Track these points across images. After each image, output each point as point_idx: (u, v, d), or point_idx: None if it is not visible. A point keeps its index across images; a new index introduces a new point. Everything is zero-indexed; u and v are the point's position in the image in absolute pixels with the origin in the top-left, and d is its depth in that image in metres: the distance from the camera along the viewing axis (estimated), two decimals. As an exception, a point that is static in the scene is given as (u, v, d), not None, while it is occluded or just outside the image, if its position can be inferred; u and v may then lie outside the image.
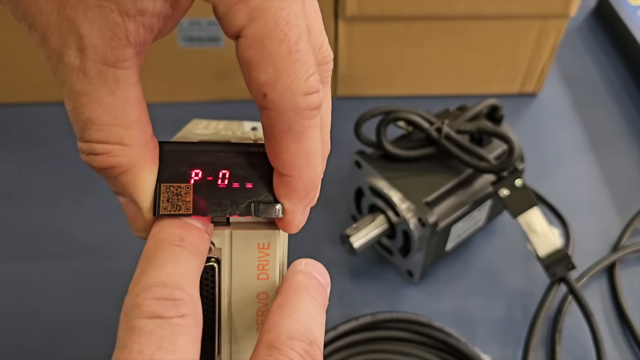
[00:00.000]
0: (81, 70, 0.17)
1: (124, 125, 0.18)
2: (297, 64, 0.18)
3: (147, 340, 0.16)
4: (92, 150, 0.18)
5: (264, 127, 0.19)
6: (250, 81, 0.18)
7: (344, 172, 0.47)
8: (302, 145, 0.19)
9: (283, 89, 0.18)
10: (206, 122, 0.31)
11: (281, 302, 0.20)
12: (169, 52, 0.54)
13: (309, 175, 0.20)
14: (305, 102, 0.18)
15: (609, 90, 0.63)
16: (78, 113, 0.18)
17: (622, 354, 0.42)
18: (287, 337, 0.18)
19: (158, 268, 0.18)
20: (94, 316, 0.42)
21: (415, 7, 0.52)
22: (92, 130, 0.18)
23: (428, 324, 0.40)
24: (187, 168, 0.20)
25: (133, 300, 0.17)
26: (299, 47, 0.18)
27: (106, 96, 0.18)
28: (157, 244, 0.19)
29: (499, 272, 0.46)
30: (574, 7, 0.53)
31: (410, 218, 0.41)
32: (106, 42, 0.17)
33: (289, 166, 0.20)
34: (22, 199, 0.50)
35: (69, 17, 0.16)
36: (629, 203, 0.51)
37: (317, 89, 0.19)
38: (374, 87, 0.59)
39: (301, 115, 0.19)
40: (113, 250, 0.46)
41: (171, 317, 0.17)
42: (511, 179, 0.42)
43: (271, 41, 0.17)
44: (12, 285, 0.44)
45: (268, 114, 0.19)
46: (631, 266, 0.47)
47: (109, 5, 0.16)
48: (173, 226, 0.19)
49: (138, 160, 0.19)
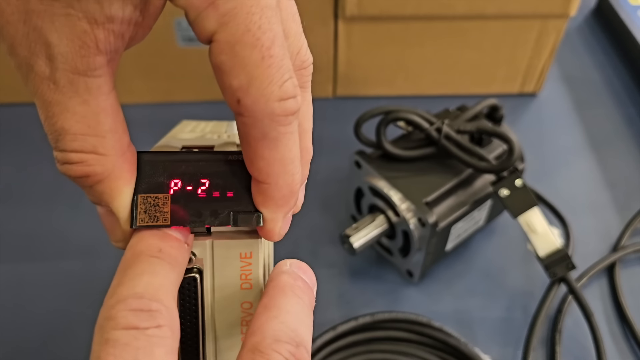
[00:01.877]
0: (51, 80, 0.17)
1: (98, 134, 0.18)
2: (270, 69, 0.17)
3: (122, 352, 0.16)
4: (66, 159, 0.18)
5: (240, 134, 0.19)
6: (223, 87, 0.18)
7: (343, 172, 0.47)
8: (278, 152, 0.19)
9: (257, 95, 0.17)
10: (195, 124, 0.31)
11: (267, 303, 0.19)
12: (167, 52, 0.54)
13: (287, 183, 0.20)
14: (280, 108, 0.18)
15: (609, 90, 0.63)
16: (51, 123, 0.18)
17: (622, 354, 0.42)
18: (272, 340, 0.18)
19: (134, 279, 0.18)
20: (91, 316, 0.42)
21: (415, 7, 0.52)
22: (66, 140, 0.18)
23: (428, 324, 0.40)
24: (166, 178, 0.20)
25: (108, 312, 0.17)
26: (272, 52, 0.17)
27: (78, 105, 0.17)
28: (135, 256, 0.18)
29: (499, 272, 0.46)
30: (574, 7, 0.53)
31: (410, 218, 0.41)
32: (75, 50, 0.16)
33: (265, 173, 0.19)
34: (20, 200, 0.50)
35: (36, 27, 0.16)
36: (629, 203, 0.51)
37: (293, 94, 0.18)
38: (373, 87, 0.59)
39: (276, 121, 0.18)
40: (110, 251, 0.45)
41: (147, 327, 0.16)
42: (511, 179, 0.41)
43: (243, 47, 0.17)
44: (9, 285, 0.44)
45: (242, 120, 0.18)
46: (631, 266, 0.47)
47: (76, 14, 0.16)
48: (151, 237, 0.19)
49: (114, 169, 0.19)
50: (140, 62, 0.54)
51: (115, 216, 0.20)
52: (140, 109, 0.56)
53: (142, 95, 0.57)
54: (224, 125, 0.31)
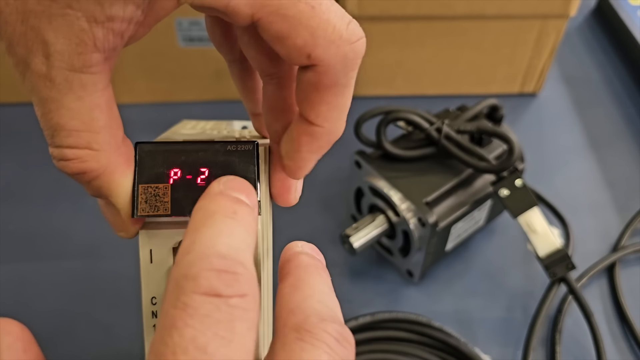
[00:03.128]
0: (47, 77, 0.17)
1: (92, 130, 0.18)
2: (327, 14, 0.18)
3: (202, 325, 0.14)
4: (62, 155, 0.18)
5: (303, 83, 0.19)
6: (288, 51, 0.18)
7: (344, 172, 0.47)
8: (343, 98, 0.20)
9: (326, 43, 0.18)
10: (194, 123, 0.31)
11: (294, 282, 0.18)
12: (168, 52, 0.54)
13: (337, 129, 0.20)
14: (352, 51, 0.18)
15: (609, 90, 0.63)
16: (47, 119, 0.18)
17: (622, 354, 0.42)
18: (318, 319, 0.17)
19: (214, 238, 0.16)
20: (92, 316, 0.42)
21: (415, 7, 0.52)
22: (60, 136, 0.18)
23: (428, 324, 0.40)
24: (166, 168, 0.20)
25: (187, 269, 0.15)
26: (317, 0, 0.18)
27: (73, 102, 0.18)
28: (208, 215, 0.17)
29: (499, 272, 0.46)
30: (574, 7, 0.53)
31: (410, 218, 0.41)
32: (72, 48, 0.17)
33: (324, 117, 0.20)
34: (21, 199, 0.50)
35: (33, 26, 0.17)
36: (629, 203, 0.51)
37: (360, 34, 0.19)
38: (373, 87, 0.59)
39: (349, 66, 0.19)
40: (111, 251, 0.46)
41: (230, 295, 0.15)
42: (511, 179, 0.41)
43: (287, 8, 0.17)
44: (11, 284, 0.44)
45: (316, 70, 0.18)
46: (631, 266, 0.47)
47: (75, 13, 0.16)
48: (225, 199, 0.18)
49: (109, 164, 0.19)
50: (141, 62, 0.54)
51: (115, 208, 0.20)
52: (141, 109, 0.56)
53: (143, 95, 0.57)
54: (223, 124, 0.31)
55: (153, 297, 0.21)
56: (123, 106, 0.19)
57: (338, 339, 0.17)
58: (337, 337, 0.17)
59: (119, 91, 0.66)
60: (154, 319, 0.21)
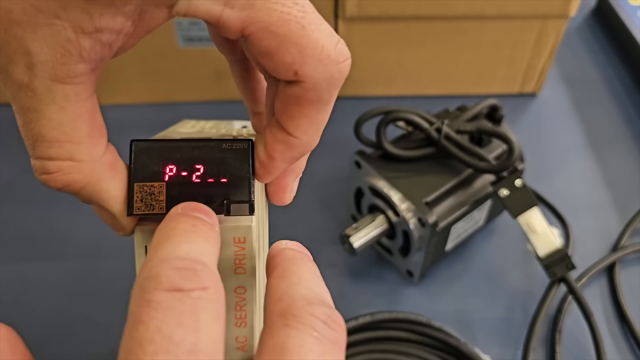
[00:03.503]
0: (29, 87, 0.17)
1: (74, 141, 0.18)
2: (316, 34, 0.18)
3: (165, 316, 0.15)
4: (44, 168, 0.18)
5: (286, 95, 0.19)
6: (275, 66, 0.18)
7: (344, 172, 0.47)
8: (323, 114, 0.20)
9: (314, 62, 0.18)
10: (194, 122, 0.31)
11: (281, 273, 0.18)
12: (168, 52, 0.54)
13: (313, 142, 0.21)
14: (338, 72, 0.19)
15: (608, 90, 0.63)
16: (28, 129, 0.18)
17: (622, 354, 0.42)
18: (304, 303, 0.17)
19: (174, 245, 0.17)
20: (92, 316, 0.42)
21: (415, 7, 0.52)
22: (42, 147, 0.18)
23: (428, 324, 0.40)
24: (161, 166, 0.20)
25: (149, 271, 0.16)
26: (309, 19, 0.18)
27: (55, 112, 0.17)
28: (169, 230, 0.18)
29: (498, 272, 0.46)
30: (574, 7, 0.53)
31: (410, 218, 0.41)
32: (56, 58, 0.17)
33: (302, 130, 0.20)
34: (21, 200, 0.50)
35: (16, 36, 0.16)
36: (629, 203, 0.51)
37: (347, 55, 0.19)
38: (373, 87, 0.59)
39: (333, 85, 0.19)
40: (111, 251, 0.46)
41: (192, 289, 0.15)
42: (511, 179, 0.41)
43: (278, 25, 0.17)
44: (11, 285, 0.44)
45: (301, 86, 0.19)
46: (631, 266, 0.47)
47: (61, 23, 0.16)
48: (185, 217, 0.18)
49: (93, 174, 0.19)
50: (140, 63, 0.54)
51: (109, 211, 0.20)
52: (141, 109, 0.56)
53: (143, 96, 0.57)
54: (223, 123, 0.31)
55: None
56: (122, 106, 0.19)
57: (325, 321, 0.17)
58: (325, 319, 0.17)
59: (118, 91, 0.66)
60: None
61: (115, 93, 0.56)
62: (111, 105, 0.55)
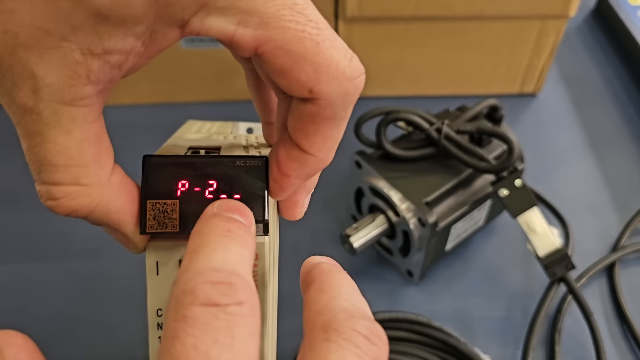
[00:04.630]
0: (34, 111, 0.17)
1: (80, 164, 0.18)
2: (330, 51, 0.18)
3: (202, 333, 0.14)
4: (50, 194, 0.18)
5: (301, 113, 0.19)
6: (290, 84, 0.18)
7: (344, 172, 0.47)
8: (338, 131, 0.20)
9: (329, 79, 0.18)
10: (200, 124, 0.31)
11: (320, 286, 0.18)
12: (170, 53, 0.53)
13: (328, 158, 0.21)
14: (353, 87, 0.19)
15: (608, 90, 0.63)
16: (33, 153, 0.17)
17: (621, 353, 0.42)
18: (346, 317, 0.17)
19: (209, 255, 0.16)
20: (94, 317, 0.42)
21: (415, 8, 0.52)
22: (47, 172, 0.17)
23: (428, 324, 0.40)
24: (174, 182, 0.20)
25: (184, 285, 0.15)
26: (323, 36, 0.18)
27: (61, 136, 0.17)
28: (204, 235, 0.17)
29: (498, 272, 0.46)
30: (574, 7, 0.53)
31: (410, 218, 0.41)
32: (64, 80, 0.16)
33: (318, 147, 0.20)
34: (23, 201, 0.50)
35: (21, 60, 0.16)
36: (629, 203, 0.51)
37: (361, 70, 0.19)
38: (374, 88, 0.59)
39: (348, 101, 0.19)
40: (113, 252, 0.46)
41: (227, 304, 0.15)
42: (511, 179, 0.42)
43: (292, 43, 0.17)
44: (13, 285, 0.44)
45: (316, 103, 0.18)
46: (631, 266, 0.47)
47: (69, 46, 0.16)
48: (219, 219, 0.18)
49: (101, 197, 0.18)
50: (141, 63, 0.54)
51: (121, 231, 0.20)
52: (144, 110, 0.56)
53: (146, 96, 0.57)
54: (229, 126, 0.31)
55: (159, 309, 0.21)
56: (125, 107, 0.19)
57: (368, 336, 0.16)
58: (367, 335, 0.16)
59: (121, 92, 0.66)
60: (159, 331, 0.21)
61: (118, 94, 0.56)
62: (113, 105, 0.55)
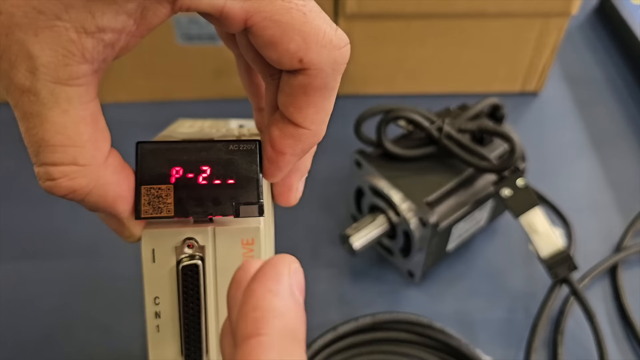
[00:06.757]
0: (31, 92, 0.17)
1: (77, 144, 0.18)
2: (317, 21, 0.19)
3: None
4: (48, 175, 0.18)
5: (292, 86, 0.20)
6: (280, 55, 0.19)
7: (344, 172, 0.47)
8: (329, 101, 0.21)
9: (318, 48, 0.19)
10: (191, 122, 0.31)
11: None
12: (167, 50, 0.53)
13: (322, 131, 0.21)
14: (341, 56, 0.19)
15: (610, 88, 0.62)
16: (31, 134, 0.18)
17: (624, 355, 0.42)
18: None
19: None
20: (91, 315, 0.42)
21: (416, 5, 0.51)
22: (45, 152, 0.18)
23: (429, 325, 0.40)
24: (167, 168, 0.20)
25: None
26: (309, 6, 0.18)
27: (58, 116, 0.17)
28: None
29: (500, 273, 0.46)
30: (576, 5, 0.52)
31: (411, 218, 0.40)
32: (59, 59, 0.16)
33: (311, 120, 0.20)
34: (20, 198, 0.50)
35: (18, 40, 0.16)
36: (632, 203, 0.51)
37: (346, 40, 0.20)
38: (374, 86, 0.59)
39: (337, 70, 0.20)
40: (110, 250, 0.46)
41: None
42: (513, 179, 0.41)
43: (281, 14, 0.18)
44: (10, 283, 0.44)
45: (307, 74, 0.19)
46: (634, 267, 0.47)
47: (63, 24, 0.16)
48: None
49: (98, 178, 0.19)
50: (139, 60, 0.54)
51: (117, 217, 0.20)
52: (139, 107, 0.56)
53: (141, 93, 0.57)
54: (221, 122, 0.31)
55: (156, 297, 0.21)
56: (121, 104, 0.19)
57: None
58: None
59: (117, 89, 0.66)
60: (156, 320, 0.21)
61: (114, 91, 0.56)
62: (109, 103, 0.54)
